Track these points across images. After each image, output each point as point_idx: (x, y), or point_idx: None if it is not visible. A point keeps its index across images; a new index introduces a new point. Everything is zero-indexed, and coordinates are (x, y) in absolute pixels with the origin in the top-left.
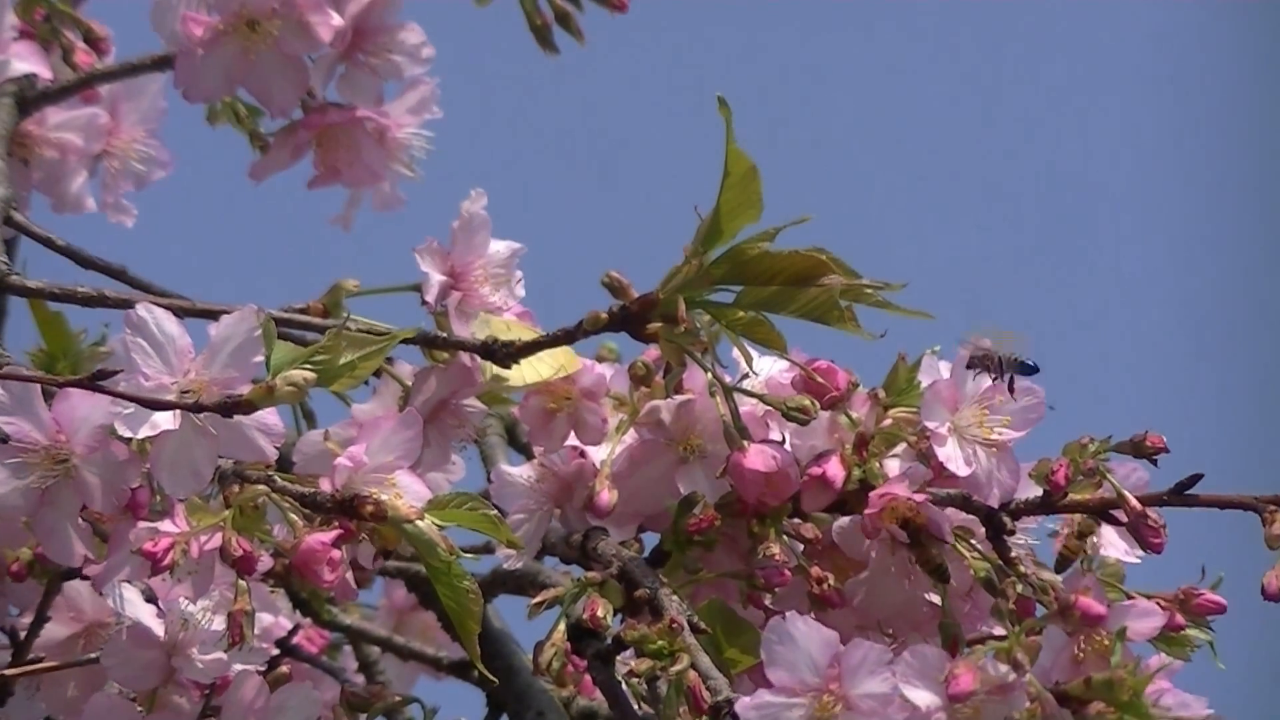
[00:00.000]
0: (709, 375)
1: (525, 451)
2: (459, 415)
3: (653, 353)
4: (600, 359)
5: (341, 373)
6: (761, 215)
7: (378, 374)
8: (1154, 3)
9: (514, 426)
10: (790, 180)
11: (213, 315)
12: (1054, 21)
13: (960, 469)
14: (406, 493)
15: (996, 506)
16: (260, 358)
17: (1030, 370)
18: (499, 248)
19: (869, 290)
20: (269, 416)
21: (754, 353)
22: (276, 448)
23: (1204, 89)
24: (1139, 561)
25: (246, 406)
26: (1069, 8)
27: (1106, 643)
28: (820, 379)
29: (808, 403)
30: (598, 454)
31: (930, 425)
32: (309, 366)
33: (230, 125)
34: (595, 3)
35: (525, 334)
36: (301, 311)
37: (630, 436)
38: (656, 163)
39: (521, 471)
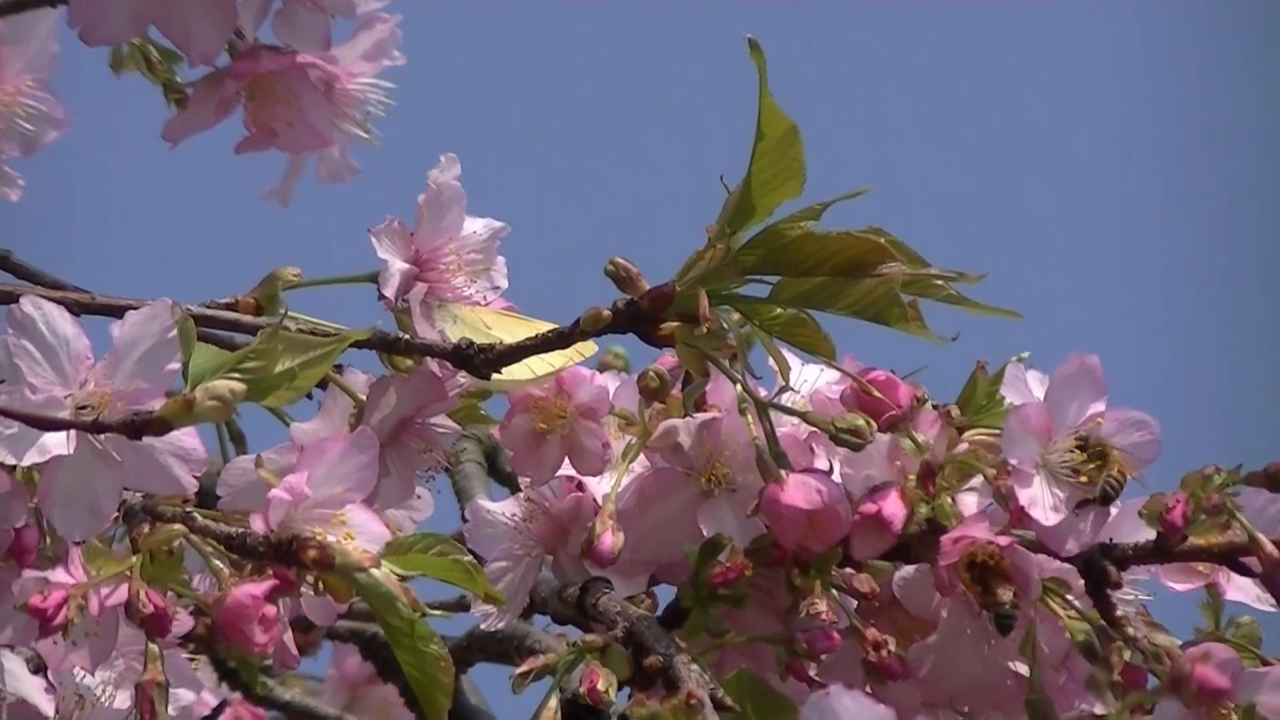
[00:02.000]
0: (738, 388)
1: (509, 483)
2: (426, 437)
3: (668, 359)
4: (604, 367)
5: (278, 383)
6: (804, 188)
7: (324, 385)
8: None
9: (495, 452)
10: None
11: (117, 312)
12: None
13: (1047, 517)
14: (360, 534)
15: (1100, 553)
16: (176, 365)
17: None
18: (475, 227)
19: (938, 282)
20: (187, 438)
21: (794, 360)
22: (197, 478)
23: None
24: (1272, 609)
25: (159, 426)
26: None
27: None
28: (877, 393)
29: (861, 423)
30: (599, 486)
31: (1014, 460)
32: (237, 375)
33: (140, 74)
34: None
35: (510, 330)
36: (228, 307)
37: (640, 465)
38: (674, 123)
39: (504, 508)
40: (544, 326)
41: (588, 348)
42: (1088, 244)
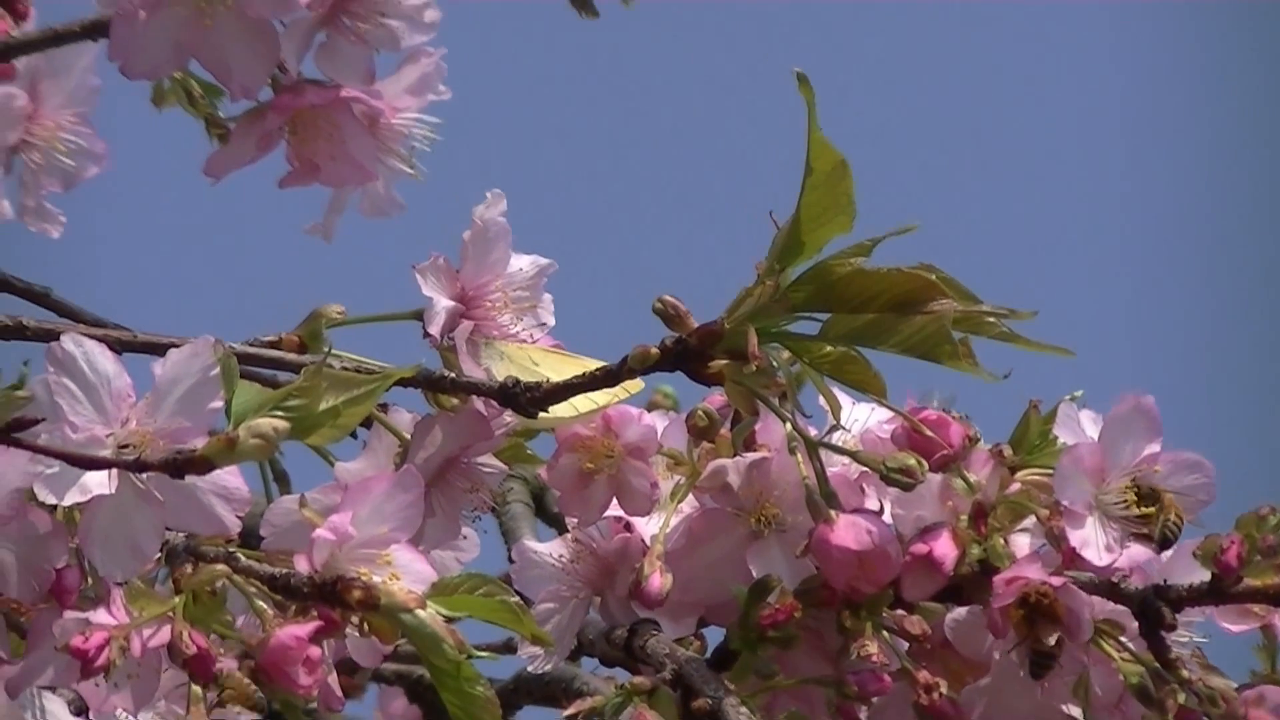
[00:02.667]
0: (788, 427)
1: (556, 524)
2: (471, 476)
3: (717, 398)
4: (652, 407)
5: (322, 421)
6: (854, 223)
7: (368, 424)
8: None
9: (542, 492)
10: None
11: (159, 350)
12: None
13: (1099, 559)
14: (405, 574)
15: (1154, 594)
16: (218, 403)
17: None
18: (522, 264)
19: (990, 319)
20: (230, 477)
21: (845, 399)
22: (240, 517)
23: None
24: None
25: (201, 465)
26: None
27: None
28: (929, 432)
29: (913, 462)
30: (647, 527)
31: (1067, 501)
32: (281, 414)
33: (181, 108)
34: None
35: (557, 368)
36: (272, 345)
37: (689, 505)
38: (722, 160)
39: (551, 549)
40: (592, 365)
41: (634, 386)
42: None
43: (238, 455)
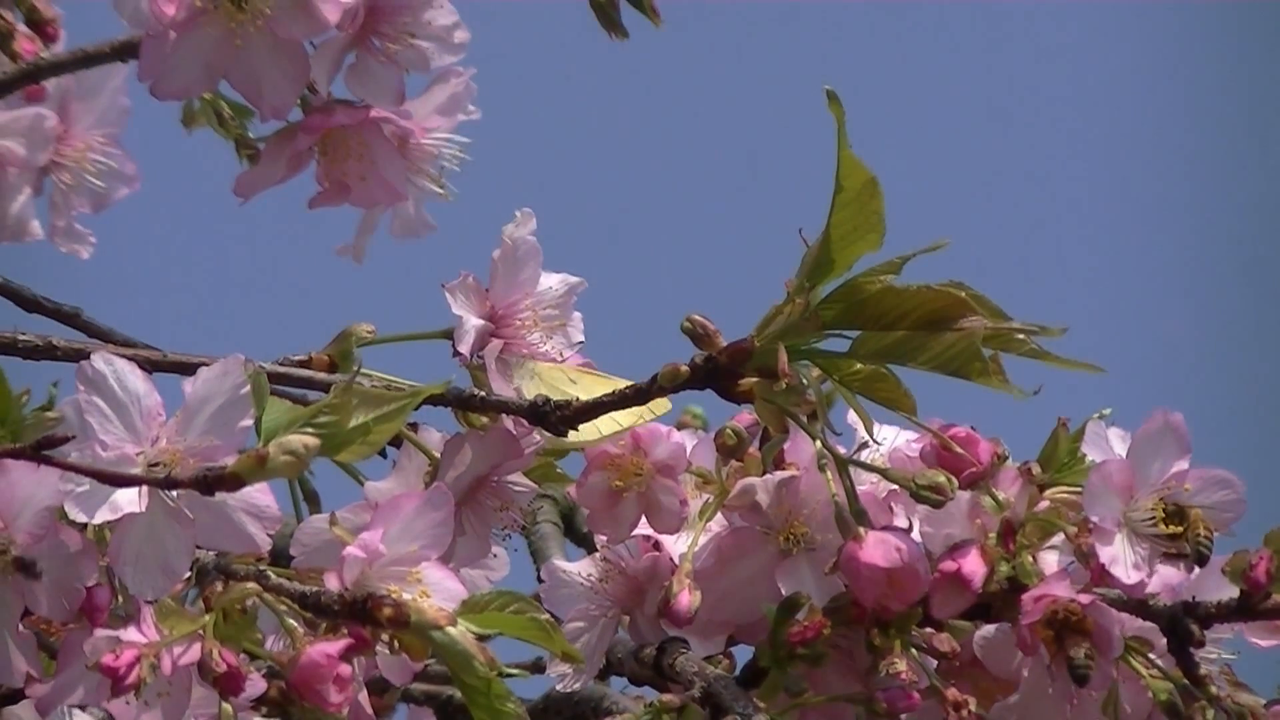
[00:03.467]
0: (818, 445)
1: (585, 543)
2: (502, 495)
3: (746, 417)
4: (681, 427)
5: (352, 438)
6: (884, 241)
7: (398, 443)
8: None
9: (571, 511)
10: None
11: (188, 369)
12: None
13: (1127, 576)
14: (435, 591)
15: (1183, 611)
16: (249, 421)
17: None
18: (552, 283)
19: (1020, 336)
20: (261, 495)
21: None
22: (270, 535)
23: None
24: None
25: (232, 481)
26: None
27: None
28: (959, 449)
29: (943, 479)
30: (676, 545)
31: (1095, 518)
32: (311, 431)
33: (211, 129)
34: None
35: (589, 388)
36: (302, 364)
37: (718, 523)
38: (750, 178)
39: (580, 568)
40: (623, 384)
41: (660, 407)
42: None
43: (268, 472)
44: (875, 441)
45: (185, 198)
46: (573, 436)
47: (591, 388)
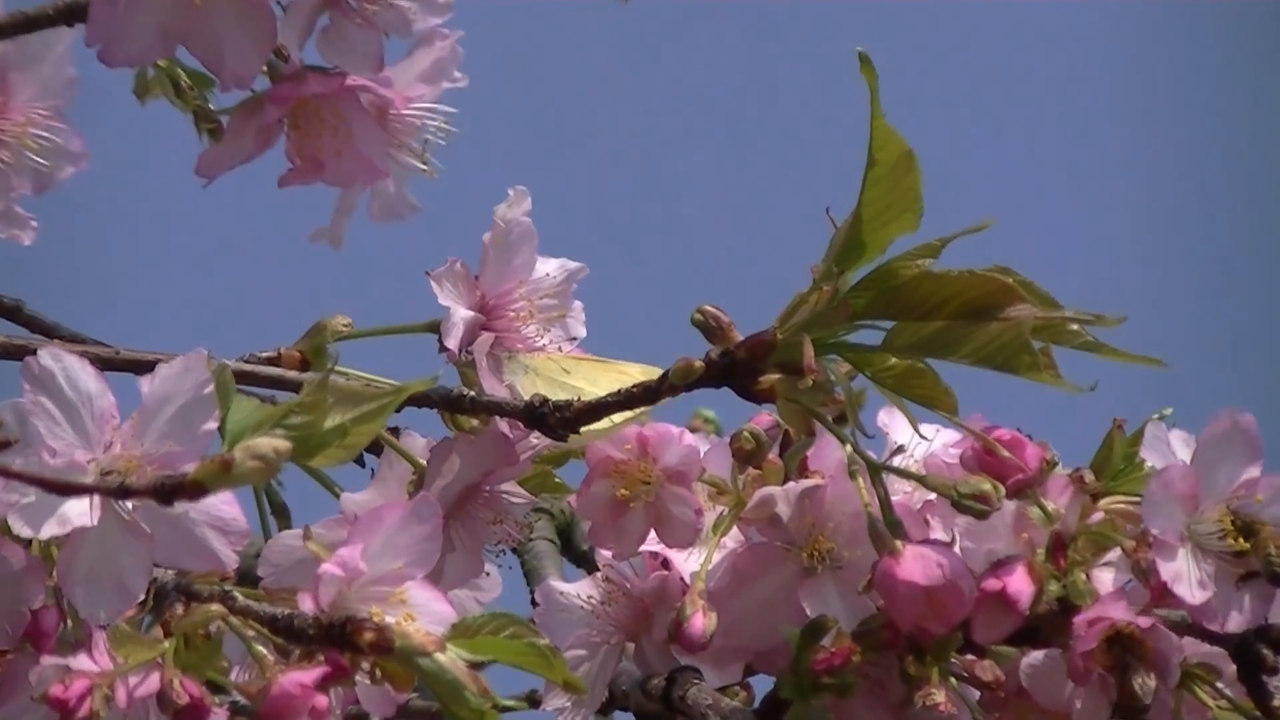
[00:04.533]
0: (847, 449)
1: (585, 562)
2: (495, 506)
3: (765, 418)
4: (691, 431)
5: (328, 441)
6: (921, 221)
7: (378, 451)
8: None
9: (570, 527)
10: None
11: (144, 367)
12: None
13: (1192, 594)
14: (422, 614)
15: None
16: (213, 424)
17: None
18: (549, 269)
19: (1074, 327)
20: (226, 507)
21: (903, 420)
22: (236, 552)
23: None
24: None
25: (193, 489)
26: None
27: None
28: (1006, 452)
29: (988, 487)
30: (688, 564)
31: (1156, 531)
32: (282, 433)
33: (168, 101)
34: None
35: (591, 377)
36: (270, 362)
37: (733, 539)
38: (769, 155)
39: (580, 590)
40: (632, 370)
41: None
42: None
43: (234, 478)
44: (923, 438)
45: (139, 177)
46: (579, 438)
47: (596, 378)
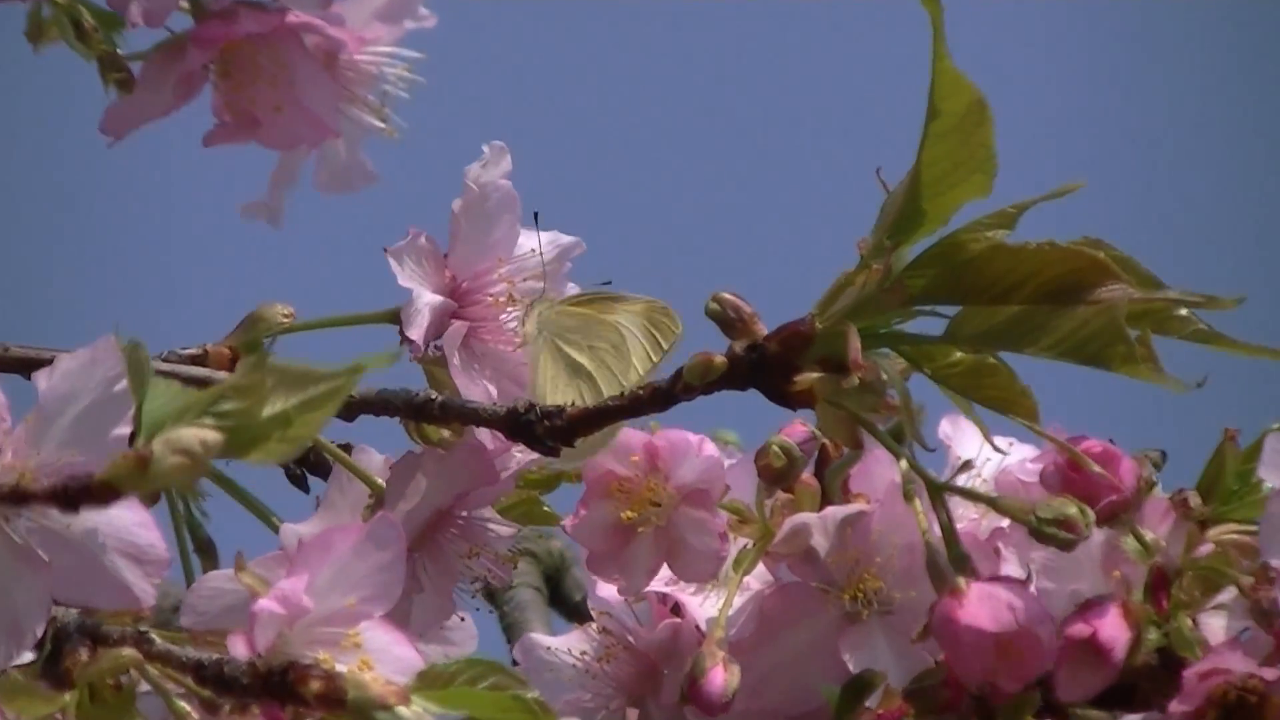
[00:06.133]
0: (903, 465)
1: (577, 615)
2: (470, 536)
3: (798, 428)
4: None
5: (266, 432)
6: (993, 184)
7: (322, 471)
8: None
9: (559, 573)
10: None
11: (40, 365)
12: None
13: None
14: (381, 660)
15: None
16: (125, 429)
17: None
18: (534, 244)
19: (1181, 312)
20: (142, 530)
21: (969, 428)
22: (154, 585)
23: None
24: None
25: (102, 492)
26: None
27: None
28: (1098, 468)
29: (1074, 510)
30: (703, 608)
31: (1276, 563)
32: (212, 423)
33: (67, 45)
34: None
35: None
36: (195, 360)
37: (759, 578)
38: (803, 106)
39: (570, 644)
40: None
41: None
42: None
43: (153, 478)
44: (999, 450)
45: (37, 138)
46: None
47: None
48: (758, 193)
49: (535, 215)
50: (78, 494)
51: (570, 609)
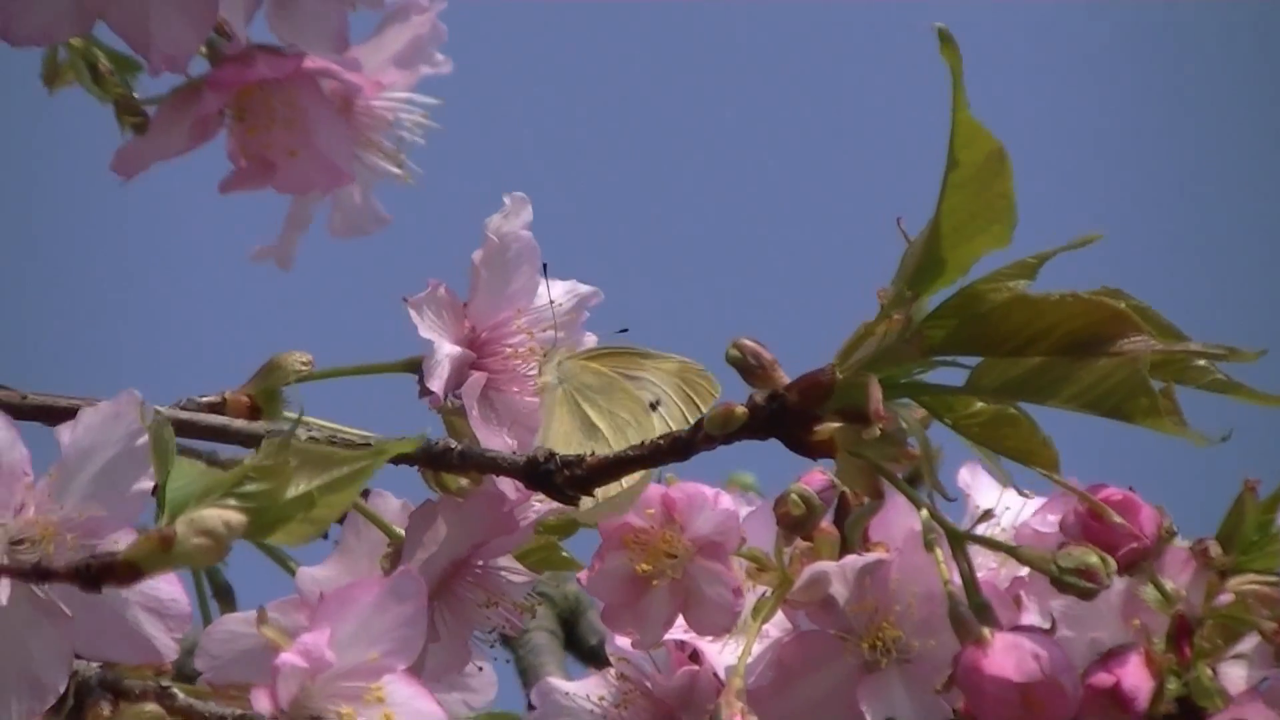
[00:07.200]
0: (923, 514)
1: (593, 659)
2: (488, 585)
3: (817, 477)
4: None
5: (290, 513)
6: (1013, 234)
7: (342, 516)
8: None
9: (575, 617)
10: None
11: (59, 414)
12: None
13: None
14: (403, 714)
15: None
16: (147, 484)
17: None
18: (554, 294)
19: (1202, 362)
20: (165, 584)
21: (987, 479)
22: (176, 639)
23: None
24: None
25: (125, 573)
26: None
27: None
28: (1118, 517)
29: (1095, 560)
30: (722, 656)
31: None
32: (235, 504)
33: (84, 88)
34: None
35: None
36: (213, 408)
37: (778, 626)
38: (825, 154)
39: (587, 689)
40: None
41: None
42: None
43: (176, 558)
44: (1023, 495)
45: (51, 180)
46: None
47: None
48: (778, 241)
49: (544, 266)
50: (99, 573)
51: (586, 652)
